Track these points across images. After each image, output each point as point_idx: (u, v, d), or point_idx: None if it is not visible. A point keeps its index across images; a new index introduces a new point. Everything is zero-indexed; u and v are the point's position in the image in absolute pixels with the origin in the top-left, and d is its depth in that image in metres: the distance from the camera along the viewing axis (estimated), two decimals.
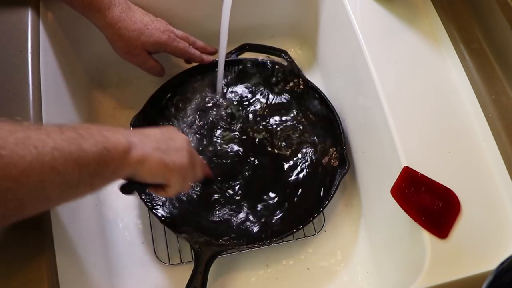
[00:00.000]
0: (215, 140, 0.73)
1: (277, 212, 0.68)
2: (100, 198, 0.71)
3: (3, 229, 0.46)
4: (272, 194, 0.69)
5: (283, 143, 0.73)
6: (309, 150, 0.73)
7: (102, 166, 0.41)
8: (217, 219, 0.67)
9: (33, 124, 0.38)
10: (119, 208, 0.71)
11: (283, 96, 0.77)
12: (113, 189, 0.71)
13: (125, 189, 0.51)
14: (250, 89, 0.78)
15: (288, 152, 0.73)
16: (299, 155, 0.72)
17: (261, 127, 0.75)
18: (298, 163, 0.72)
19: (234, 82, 0.77)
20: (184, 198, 0.68)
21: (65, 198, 0.41)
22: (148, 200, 0.66)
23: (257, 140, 0.74)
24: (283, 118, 0.75)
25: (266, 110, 0.76)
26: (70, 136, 0.39)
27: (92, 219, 0.66)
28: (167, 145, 0.50)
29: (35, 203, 0.38)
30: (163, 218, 0.64)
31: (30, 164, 0.35)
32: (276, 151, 0.73)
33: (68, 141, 0.38)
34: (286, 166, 0.72)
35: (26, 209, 0.37)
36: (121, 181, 0.49)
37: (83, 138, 0.40)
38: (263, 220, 0.67)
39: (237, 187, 0.70)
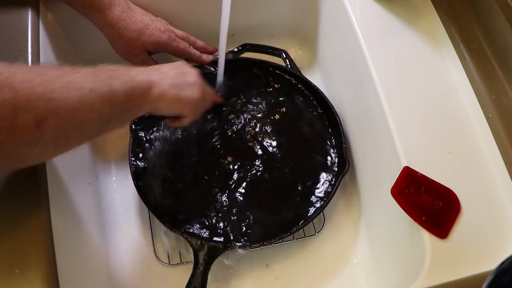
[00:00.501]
0: (213, 140, 0.73)
1: (277, 211, 0.68)
2: (100, 199, 0.71)
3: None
4: (271, 194, 0.69)
5: (282, 143, 0.73)
6: (309, 150, 0.73)
7: (129, 102, 0.47)
8: (217, 219, 0.67)
9: (70, 68, 0.43)
10: (119, 209, 0.71)
11: (282, 96, 0.77)
12: (113, 190, 0.73)
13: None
14: (249, 89, 0.78)
15: (288, 152, 0.73)
16: (299, 155, 0.72)
17: (259, 126, 0.74)
18: (298, 163, 0.72)
19: (233, 82, 0.77)
20: (185, 199, 0.68)
21: (99, 133, 0.46)
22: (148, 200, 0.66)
23: (256, 140, 0.74)
24: (282, 118, 0.75)
25: (265, 109, 0.76)
26: (103, 78, 0.44)
27: (92, 219, 0.66)
28: (181, 81, 0.55)
29: (78, 138, 0.43)
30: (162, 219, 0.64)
31: (75, 105, 0.40)
32: (275, 151, 0.73)
33: (102, 82, 0.44)
34: (285, 166, 0.72)
35: (71, 145, 0.42)
36: None
37: (113, 79, 0.45)
38: (262, 220, 0.67)
39: (237, 187, 0.69)
